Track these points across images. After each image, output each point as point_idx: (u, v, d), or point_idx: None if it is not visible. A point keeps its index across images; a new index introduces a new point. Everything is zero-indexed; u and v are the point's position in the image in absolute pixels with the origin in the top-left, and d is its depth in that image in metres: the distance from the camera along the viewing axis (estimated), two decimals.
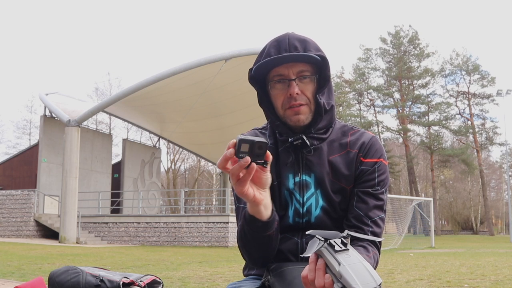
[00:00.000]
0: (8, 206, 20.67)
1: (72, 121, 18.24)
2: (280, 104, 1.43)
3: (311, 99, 1.42)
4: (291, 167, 1.47)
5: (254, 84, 1.46)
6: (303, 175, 1.46)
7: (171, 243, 19.24)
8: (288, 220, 1.47)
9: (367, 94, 50.87)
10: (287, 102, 1.41)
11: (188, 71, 17.95)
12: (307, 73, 1.41)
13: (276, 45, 1.42)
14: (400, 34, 49.31)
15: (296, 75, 1.40)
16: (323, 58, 1.40)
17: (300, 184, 1.46)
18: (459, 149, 46.93)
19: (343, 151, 1.48)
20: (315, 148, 1.46)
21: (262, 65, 1.40)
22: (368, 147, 1.47)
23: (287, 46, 1.40)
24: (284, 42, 1.41)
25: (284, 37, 1.43)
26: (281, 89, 1.42)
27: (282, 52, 1.40)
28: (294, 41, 1.41)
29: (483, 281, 6.71)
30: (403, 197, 27.24)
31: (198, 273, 7.65)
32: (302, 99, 1.41)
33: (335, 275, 1.02)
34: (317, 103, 1.42)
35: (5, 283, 5.95)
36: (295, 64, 1.40)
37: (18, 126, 48.29)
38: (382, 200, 1.47)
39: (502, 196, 63.65)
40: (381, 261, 10.60)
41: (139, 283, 2.03)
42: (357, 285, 0.98)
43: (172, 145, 44.31)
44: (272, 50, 1.41)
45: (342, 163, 1.47)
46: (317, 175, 1.46)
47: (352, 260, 1.03)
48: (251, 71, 1.43)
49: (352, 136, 1.50)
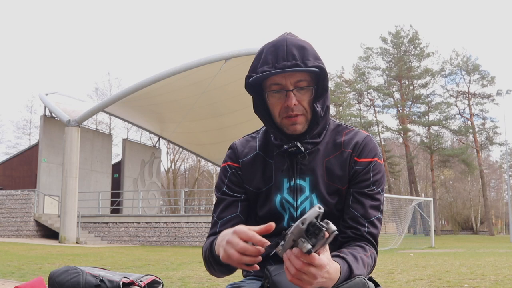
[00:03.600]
0: (8, 206, 20.67)
1: (72, 121, 18.24)
2: (277, 113, 1.42)
3: (308, 108, 1.41)
4: (286, 172, 1.47)
5: (251, 91, 1.45)
6: (297, 180, 1.46)
7: (171, 243, 19.24)
8: (282, 224, 1.47)
9: (367, 94, 50.85)
10: (284, 111, 1.41)
11: (188, 71, 17.94)
12: (305, 83, 1.40)
13: (273, 51, 1.40)
14: (400, 34, 49.31)
15: (293, 85, 1.39)
16: (321, 69, 1.39)
17: (294, 188, 1.46)
18: (459, 149, 46.91)
19: (337, 152, 1.47)
20: (309, 152, 1.46)
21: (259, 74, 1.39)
22: (362, 147, 1.47)
23: (284, 54, 1.38)
24: (282, 49, 1.39)
25: (282, 42, 1.40)
26: (278, 98, 1.41)
27: (279, 60, 1.37)
28: (292, 49, 1.38)
29: (483, 281, 6.71)
30: (403, 197, 27.22)
31: (198, 273, 7.65)
32: (299, 109, 1.40)
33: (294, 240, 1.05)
34: (314, 112, 1.42)
35: (5, 283, 5.95)
36: (293, 74, 1.38)
37: (18, 126, 48.35)
38: (378, 200, 1.46)
39: (502, 196, 63.65)
40: (381, 261, 10.60)
41: (139, 283, 2.03)
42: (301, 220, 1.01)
43: (172, 145, 44.32)
44: (269, 57, 1.39)
45: (337, 164, 1.46)
46: (311, 179, 1.46)
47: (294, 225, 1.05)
48: (248, 79, 1.41)
49: (346, 136, 1.50)
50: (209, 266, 1.45)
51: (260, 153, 1.52)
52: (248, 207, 1.53)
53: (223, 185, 1.54)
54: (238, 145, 1.57)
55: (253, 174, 1.51)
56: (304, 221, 1.01)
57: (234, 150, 1.56)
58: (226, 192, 1.53)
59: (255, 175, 1.51)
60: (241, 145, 1.56)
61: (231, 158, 1.56)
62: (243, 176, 1.52)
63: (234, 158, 1.55)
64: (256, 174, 1.51)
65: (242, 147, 1.56)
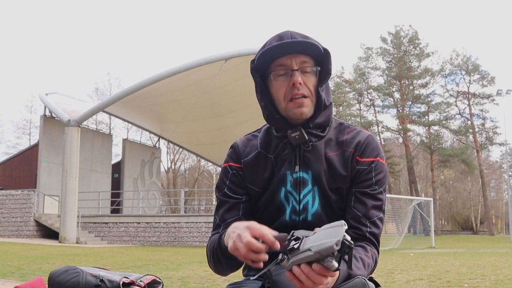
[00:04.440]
0: (8, 206, 20.66)
1: (72, 121, 18.24)
2: (283, 95, 1.41)
3: (313, 91, 1.41)
4: (288, 163, 1.46)
5: (256, 75, 1.45)
6: (300, 172, 1.45)
7: (171, 243, 19.24)
8: (284, 218, 1.46)
9: (367, 94, 50.86)
10: (289, 92, 1.40)
11: (188, 71, 17.94)
12: (309, 65, 1.40)
13: (278, 38, 1.42)
14: (400, 34, 49.31)
15: (298, 65, 1.39)
16: (325, 50, 1.40)
17: (297, 181, 1.45)
18: (459, 149, 46.91)
19: (339, 150, 1.47)
20: (313, 145, 1.45)
21: (265, 54, 1.39)
22: (364, 146, 1.46)
23: (289, 39, 1.40)
24: (286, 36, 1.41)
25: (286, 32, 1.44)
26: (283, 80, 1.40)
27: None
28: (295, 35, 1.41)
29: (483, 281, 6.71)
30: (403, 197, 27.21)
31: (198, 273, 7.65)
32: (305, 90, 1.40)
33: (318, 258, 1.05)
34: (318, 96, 1.41)
35: (5, 283, 5.95)
36: (298, 55, 1.39)
37: (18, 126, 48.31)
38: (380, 200, 1.45)
39: (502, 196, 63.65)
40: (381, 261, 10.60)
41: (139, 283, 2.03)
42: (332, 241, 1.01)
43: (172, 145, 44.32)
44: (275, 42, 1.41)
45: (338, 162, 1.45)
46: (314, 172, 1.44)
47: (312, 238, 1.07)
48: (254, 62, 1.42)
49: (348, 135, 1.49)
50: (215, 260, 1.43)
51: (262, 151, 1.50)
52: (250, 208, 1.52)
53: (224, 186, 1.52)
54: (239, 144, 1.55)
55: (255, 173, 1.50)
56: (338, 243, 1.02)
57: (235, 149, 1.54)
58: (228, 194, 1.51)
59: (258, 175, 1.49)
60: (243, 144, 1.54)
61: (232, 158, 1.54)
62: (245, 176, 1.51)
63: (235, 158, 1.53)
64: (259, 174, 1.49)
65: (243, 146, 1.54)
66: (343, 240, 1.02)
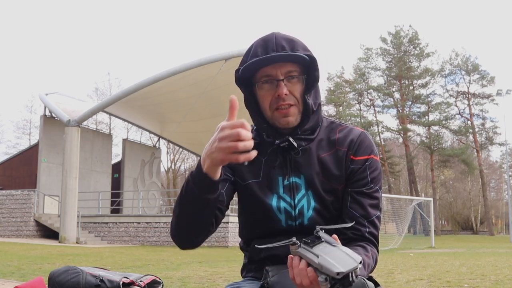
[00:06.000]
0: (8, 206, 20.66)
1: (72, 121, 18.24)
2: (268, 105, 1.39)
3: (299, 99, 1.39)
4: (279, 169, 1.44)
5: (241, 85, 1.43)
6: (292, 177, 1.43)
7: (171, 243, 19.21)
8: (281, 224, 1.44)
9: (367, 94, 50.87)
10: (274, 102, 1.38)
11: (188, 71, 17.94)
12: (295, 73, 1.38)
13: (262, 44, 1.39)
14: (400, 34, 49.33)
15: (284, 75, 1.37)
16: (311, 57, 1.37)
17: (290, 187, 1.43)
18: (459, 149, 46.91)
19: (332, 150, 1.45)
20: (303, 149, 1.43)
21: (250, 65, 1.36)
22: (357, 144, 1.44)
23: (274, 46, 1.37)
24: (271, 42, 1.38)
25: (271, 36, 1.40)
26: (268, 89, 1.38)
27: (269, 51, 1.36)
28: (281, 41, 1.38)
29: (483, 281, 6.71)
30: (403, 197, 27.22)
31: (198, 273, 7.65)
32: (291, 99, 1.38)
33: (317, 269, 1.05)
34: (305, 104, 1.39)
35: (5, 283, 5.95)
36: (283, 64, 1.37)
37: (18, 126, 48.28)
38: (376, 199, 1.44)
39: (502, 196, 63.64)
40: (381, 261, 10.59)
41: (139, 283, 2.03)
42: (338, 269, 1.00)
43: (172, 145, 44.30)
44: (259, 50, 1.38)
45: (332, 162, 1.44)
46: (306, 176, 1.43)
47: (329, 249, 1.06)
48: (238, 72, 1.40)
49: (340, 133, 1.47)
50: (182, 207, 1.31)
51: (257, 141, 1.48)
52: (233, 192, 1.50)
53: None
54: None
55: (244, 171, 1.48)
56: (341, 274, 1.01)
57: None
58: None
59: (243, 168, 1.47)
60: None
61: None
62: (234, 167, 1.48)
63: None
64: (244, 168, 1.47)
65: None
66: (347, 275, 1.02)
